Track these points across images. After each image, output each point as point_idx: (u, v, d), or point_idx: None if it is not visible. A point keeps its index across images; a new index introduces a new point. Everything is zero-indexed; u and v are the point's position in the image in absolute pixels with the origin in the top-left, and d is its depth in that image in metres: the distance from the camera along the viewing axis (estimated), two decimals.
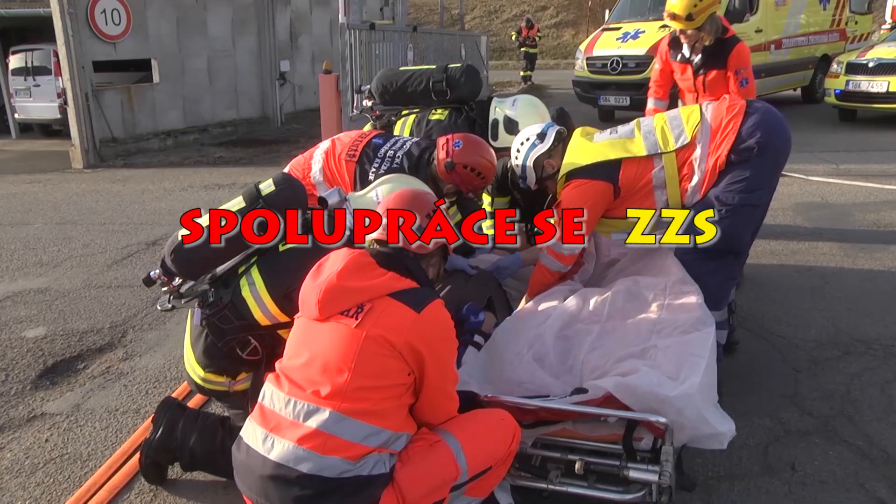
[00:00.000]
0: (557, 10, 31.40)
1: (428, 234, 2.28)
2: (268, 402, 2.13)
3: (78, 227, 6.83)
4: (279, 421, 2.06)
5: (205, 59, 12.68)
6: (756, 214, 3.08)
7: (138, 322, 4.46)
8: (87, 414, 3.38)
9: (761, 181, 2.96)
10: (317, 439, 1.97)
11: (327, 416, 1.98)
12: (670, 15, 4.34)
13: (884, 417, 3.03)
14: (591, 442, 2.26)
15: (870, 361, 3.52)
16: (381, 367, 2.02)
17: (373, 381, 2.01)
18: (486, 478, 2.15)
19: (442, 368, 2.14)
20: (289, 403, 2.05)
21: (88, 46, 10.40)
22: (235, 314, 2.58)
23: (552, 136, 3.22)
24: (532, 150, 3.22)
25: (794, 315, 4.11)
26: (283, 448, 2.00)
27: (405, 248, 2.26)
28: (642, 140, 3.02)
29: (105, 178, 9.50)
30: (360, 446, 1.98)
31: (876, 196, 6.77)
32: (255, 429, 2.11)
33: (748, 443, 2.87)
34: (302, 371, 2.09)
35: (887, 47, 10.88)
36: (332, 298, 2.09)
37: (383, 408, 2.03)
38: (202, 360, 2.69)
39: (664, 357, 2.28)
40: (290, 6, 14.69)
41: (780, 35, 11.81)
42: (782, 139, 3.03)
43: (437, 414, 2.20)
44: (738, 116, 2.95)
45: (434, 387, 2.13)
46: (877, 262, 4.96)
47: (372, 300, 2.07)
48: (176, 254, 2.63)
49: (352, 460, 1.97)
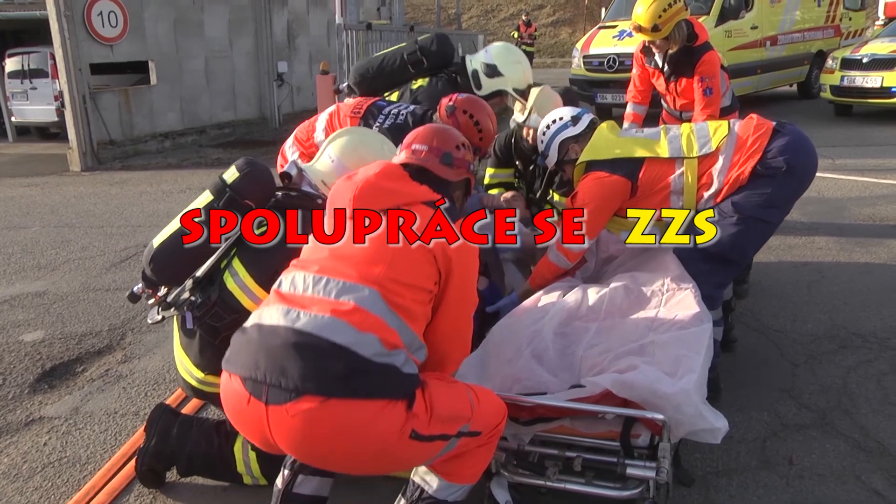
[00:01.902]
0: (554, 8, 31.38)
1: (458, 163, 2.28)
2: (287, 287, 1.99)
3: (76, 230, 6.84)
4: (306, 300, 1.91)
5: (202, 61, 12.69)
6: (765, 231, 3.06)
7: (137, 324, 4.46)
8: (86, 417, 3.38)
9: (780, 200, 2.95)
10: (355, 315, 1.84)
11: (367, 294, 1.88)
12: (635, 27, 4.32)
13: (880, 410, 3.05)
14: (588, 439, 2.27)
15: (866, 354, 3.54)
16: (414, 266, 1.97)
17: (405, 278, 1.94)
18: (475, 451, 2.08)
19: (468, 287, 2.10)
20: (319, 282, 1.93)
21: (85, 49, 10.41)
22: (226, 309, 2.53)
23: (586, 122, 3.20)
24: (563, 131, 3.19)
25: (792, 309, 4.12)
26: (313, 319, 1.84)
27: (435, 171, 2.23)
28: (667, 143, 3.01)
29: (103, 181, 9.50)
30: (395, 333, 1.88)
31: (871, 190, 6.79)
32: (271, 309, 1.93)
33: (746, 437, 2.89)
34: (330, 260, 2.00)
35: (881, 43, 10.91)
36: (369, 195, 2.05)
37: (414, 310, 1.96)
38: (199, 361, 2.63)
39: (662, 353, 2.29)
40: (287, 7, 14.69)
41: (776, 31, 11.85)
42: (810, 164, 3.01)
43: (452, 339, 2.14)
44: (765, 136, 2.93)
45: (457, 301, 2.08)
46: (872, 256, 4.98)
47: (409, 204, 2.05)
48: (154, 262, 2.59)
49: (386, 346, 1.84)
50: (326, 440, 1.78)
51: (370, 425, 1.77)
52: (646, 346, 2.34)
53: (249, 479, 2.69)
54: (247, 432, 1.93)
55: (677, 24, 4.25)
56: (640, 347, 2.34)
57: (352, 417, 1.76)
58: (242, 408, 1.84)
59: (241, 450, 2.67)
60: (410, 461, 2.03)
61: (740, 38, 10.95)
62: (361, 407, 1.77)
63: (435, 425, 1.89)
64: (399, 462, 1.99)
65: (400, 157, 2.29)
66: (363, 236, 2.00)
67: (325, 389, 1.75)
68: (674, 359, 2.25)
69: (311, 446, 1.82)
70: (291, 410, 1.74)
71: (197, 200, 2.67)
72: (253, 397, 1.80)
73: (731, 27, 10.79)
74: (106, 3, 10.62)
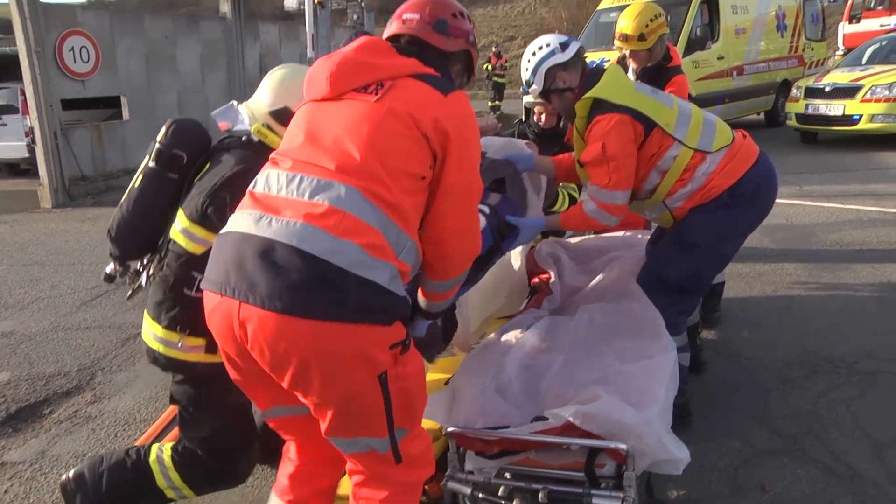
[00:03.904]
0: (525, 39, 31.87)
1: (455, 31, 2.03)
2: (261, 187, 1.81)
3: (46, 268, 6.74)
4: (279, 202, 1.73)
5: (175, 95, 12.69)
6: (722, 262, 3.14)
7: (107, 364, 4.39)
8: (52, 461, 3.30)
9: (737, 232, 3.01)
10: (330, 218, 1.66)
11: (343, 192, 1.68)
12: (622, 37, 4.38)
13: (849, 434, 3.08)
14: (554, 470, 2.27)
15: (835, 379, 3.58)
16: (400, 147, 1.76)
17: (389, 161, 1.74)
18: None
19: (468, 162, 1.87)
20: (292, 181, 1.74)
21: (57, 84, 10.37)
22: (173, 257, 2.42)
23: (574, 49, 3.00)
24: (550, 57, 2.96)
25: (763, 336, 4.17)
26: (284, 226, 1.67)
27: (428, 40, 1.99)
28: (675, 118, 2.91)
29: (74, 218, 9.40)
30: (379, 233, 1.69)
31: (837, 216, 6.93)
32: (243, 215, 1.77)
33: (718, 465, 2.90)
34: (306, 149, 1.80)
35: (841, 73, 11.26)
36: (348, 72, 1.84)
37: (400, 201, 1.74)
38: (156, 313, 2.45)
39: (625, 383, 2.30)
40: (259, 41, 14.79)
41: (742, 62, 12.17)
42: (772, 198, 3.05)
43: (456, 232, 1.90)
44: (748, 161, 2.95)
45: (457, 183, 1.84)
46: (839, 280, 5.07)
47: (394, 78, 1.82)
48: (114, 234, 2.53)
49: (369, 251, 1.66)
50: (289, 354, 1.67)
51: (338, 350, 1.65)
52: (610, 376, 2.35)
53: (173, 493, 2.56)
54: (219, 335, 1.81)
55: (660, 38, 4.34)
56: (604, 377, 2.35)
57: (320, 339, 1.64)
58: (215, 307, 1.76)
59: (157, 462, 2.54)
60: (362, 410, 1.79)
61: (707, 69, 11.22)
62: (331, 329, 1.63)
63: (398, 383, 1.75)
64: (357, 401, 1.77)
65: (389, 29, 2.05)
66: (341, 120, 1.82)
67: (292, 308, 1.61)
68: (637, 388, 2.26)
69: (273, 356, 1.69)
70: (260, 318, 1.65)
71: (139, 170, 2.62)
72: (225, 297, 1.72)
73: (698, 58, 11.05)
74: (77, 38, 10.63)
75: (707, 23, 11.43)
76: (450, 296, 2.13)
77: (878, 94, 10.24)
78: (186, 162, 2.53)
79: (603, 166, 2.84)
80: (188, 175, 2.54)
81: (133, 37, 11.77)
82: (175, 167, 2.52)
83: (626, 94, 2.89)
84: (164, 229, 2.51)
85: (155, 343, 2.48)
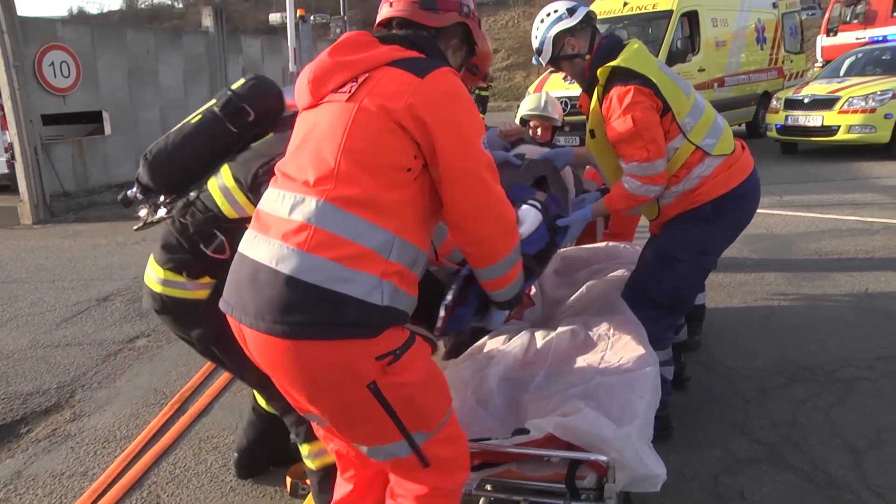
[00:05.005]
0: (508, 52, 32.13)
1: (444, 4, 1.96)
2: (264, 203, 1.85)
3: (25, 285, 6.67)
4: (269, 220, 1.77)
5: (157, 110, 12.65)
6: (702, 276, 3.18)
7: (87, 381, 4.34)
8: (29, 481, 3.26)
9: (716, 247, 3.04)
10: (301, 234, 1.66)
11: (313, 206, 1.67)
12: None
13: (827, 441, 3.11)
14: (535, 482, 2.27)
15: (814, 387, 3.61)
16: (376, 142, 1.71)
17: (367, 159, 1.69)
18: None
19: (461, 142, 1.75)
20: (277, 198, 1.77)
21: (36, 99, 10.30)
22: (201, 208, 2.37)
23: (581, 14, 2.95)
24: (557, 23, 2.93)
25: (743, 345, 4.20)
26: (267, 247, 1.70)
27: (416, 19, 1.93)
28: (688, 109, 2.88)
29: (55, 234, 9.31)
30: (353, 244, 1.65)
31: (817, 226, 7.01)
32: (247, 234, 1.83)
33: (699, 474, 2.91)
34: (293, 161, 1.82)
35: (819, 84, 11.44)
36: (324, 75, 1.83)
37: (381, 199, 1.69)
38: (161, 256, 2.42)
39: (607, 396, 2.31)
40: (242, 55, 14.80)
41: (723, 74, 12.32)
42: (753, 213, 3.08)
43: (477, 216, 1.81)
44: (743, 173, 2.96)
45: (457, 167, 1.74)
46: (819, 290, 5.12)
47: (368, 71, 1.78)
48: (151, 158, 2.43)
49: (344, 264, 1.63)
50: (277, 371, 1.76)
51: (317, 366, 1.67)
52: (591, 389, 2.36)
53: None
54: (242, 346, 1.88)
55: None
56: (584, 390, 2.36)
57: (301, 357, 1.66)
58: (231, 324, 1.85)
59: None
60: (364, 418, 1.77)
61: (689, 81, 11.31)
62: (308, 347, 1.66)
63: (395, 391, 1.71)
64: (356, 411, 1.76)
65: (380, 14, 2.03)
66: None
67: (272, 329, 1.66)
68: (618, 402, 2.27)
69: (269, 371, 1.81)
70: (252, 337, 1.74)
71: (199, 110, 2.57)
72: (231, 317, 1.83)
73: (679, 70, 11.15)
74: (58, 52, 10.56)
75: (688, 35, 11.60)
76: (509, 281, 2.00)
77: (854, 106, 10.41)
78: (252, 120, 2.47)
79: (637, 140, 2.76)
80: (247, 134, 2.49)
81: (115, 51, 11.73)
82: (238, 121, 2.46)
83: (651, 70, 2.83)
84: (199, 176, 2.45)
85: (158, 286, 2.44)
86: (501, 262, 1.93)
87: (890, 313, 4.56)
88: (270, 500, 2.97)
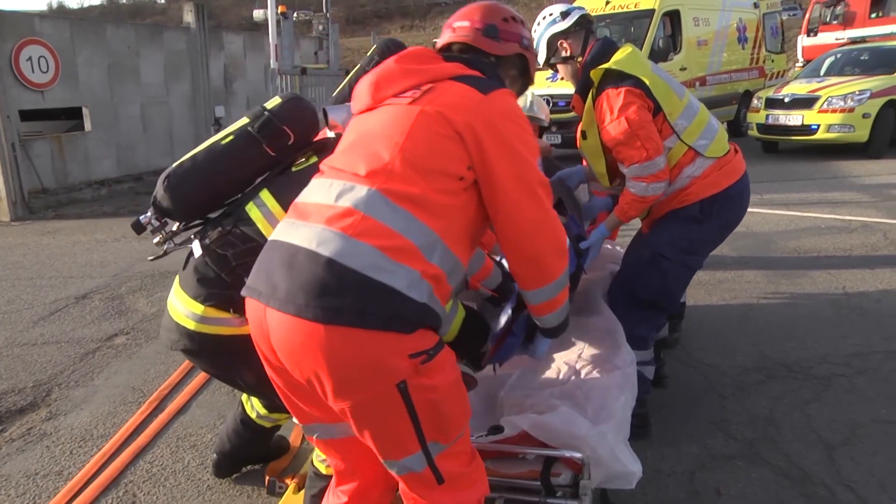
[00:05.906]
0: None
1: (506, 35, 2.01)
2: (303, 196, 1.82)
3: (2, 283, 6.58)
4: (309, 208, 1.74)
5: (138, 106, 12.52)
6: (688, 276, 3.19)
7: (64, 379, 4.30)
8: (2, 481, 3.21)
9: (704, 247, 3.07)
10: (347, 219, 1.63)
11: (363, 194, 1.66)
12: None
13: (802, 437, 3.14)
14: (510, 479, 2.27)
15: (791, 384, 3.65)
16: (434, 146, 1.72)
17: (422, 162, 1.70)
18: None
19: (513, 159, 1.77)
20: (323, 187, 1.76)
21: (14, 95, 10.15)
22: (240, 238, 2.23)
23: (575, 17, 3.04)
24: (551, 27, 3.04)
25: (722, 343, 4.23)
26: (307, 231, 1.66)
27: (477, 45, 1.97)
28: (681, 110, 2.92)
29: (34, 231, 9.20)
30: (399, 236, 1.63)
31: (796, 224, 7.09)
32: (283, 223, 1.78)
33: (675, 470, 2.93)
34: (343, 156, 1.81)
35: (799, 84, 11.55)
36: (387, 80, 1.85)
37: (432, 200, 1.68)
38: (197, 290, 2.25)
39: (583, 395, 2.31)
40: (223, 51, 14.68)
41: (705, 73, 12.41)
42: (741, 217, 3.12)
43: (530, 232, 1.81)
44: (734, 175, 2.99)
45: (513, 179, 1.76)
46: (798, 287, 5.17)
47: (433, 82, 1.81)
48: (174, 181, 2.26)
49: (388, 255, 1.60)
50: (302, 359, 1.63)
51: (347, 355, 1.58)
52: (567, 389, 2.37)
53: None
54: (256, 339, 1.77)
55: None
56: (561, 391, 2.36)
57: (330, 343, 1.57)
58: (250, 312, 1.74)
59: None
60: (386, 420, 1.70)
61: None
62: (340, 333, 1.56)
63: (422, 394, 1.64)
64: (379, 411, 1.69)
65: (442, 39, 2.05)
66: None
67: (305, 311, 1.57)
68: (594, 402, 2.28)
69: (290, 360, 1.66)
70: (278, 322, 1.63)
71: (232, 126, 2.44)
72: (254, 300, 1.72)
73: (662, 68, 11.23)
74: (35, 47, 10.41)
75: (669, 34, 11.66)
76: (558, 304, 2.00)
77: (833, 105, 10.52)
78: (292, 143, 2.35)
79: (634, 142, 2.82)
80: (286, 158, 2.35)
81: (95, 47, 11.60)
82: (277, 144, 2.34)
83: (643, 71, 2.88)
84: (223, 202, 2.31)
85: (193, 323, 2.27)
86: (553, 284, 1.93)
87: (866, 311, 4.62)
88: (248, 498, 2.96)
